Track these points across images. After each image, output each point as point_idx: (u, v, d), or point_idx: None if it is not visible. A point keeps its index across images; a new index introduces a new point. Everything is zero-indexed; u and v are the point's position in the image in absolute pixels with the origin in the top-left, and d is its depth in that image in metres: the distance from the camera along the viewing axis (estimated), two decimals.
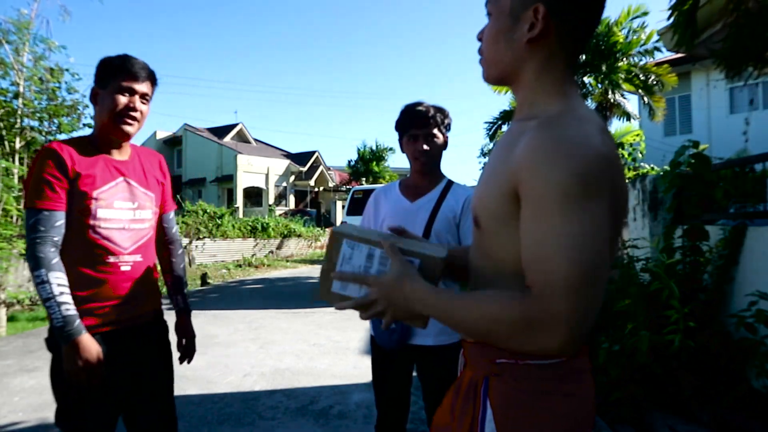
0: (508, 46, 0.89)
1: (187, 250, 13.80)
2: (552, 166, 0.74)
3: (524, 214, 0.78)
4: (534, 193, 0.76)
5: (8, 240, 6.01)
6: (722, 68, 3.78)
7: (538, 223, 0.75)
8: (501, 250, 0.86)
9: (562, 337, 0.73)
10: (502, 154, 0.87)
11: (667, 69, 9.59)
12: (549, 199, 0.74)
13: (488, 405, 0.85)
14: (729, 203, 3.92)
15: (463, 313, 0.83)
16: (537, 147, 0.76)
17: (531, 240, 0.77)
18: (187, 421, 3.13)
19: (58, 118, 7.22)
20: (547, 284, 0.73)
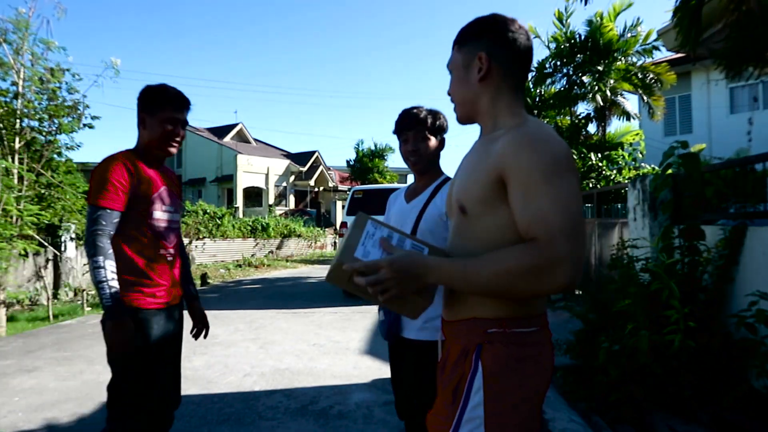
0: (467, 89, 1.16)
1: (187, 250, 13.80)
2: (531, 152, 0.97)
3: (514, 192, 0.98)
4: (521, 174, 0.97)
5: (8, 240, 6.01)
6: (722, 68, 3.78)
7: (529, 193, 0.96)
8: (486, 230, 1.05)
9: (569, 272, 0.91)
10: (478, 157, 1.10)
11: (665, 67, 9.59)
12: (535, 175, 0.95)
13: (479, 365, 1.03)
14: (724, 202, 3.92)
15: (478, 273, 0.97)
16: (515, 141, 0.99)
17: (525, 205, 0.96)
18: (187, 421, 3.13)
19: (58, 118, 7.22)
20: (550, 233, 0.92)
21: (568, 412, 3.15)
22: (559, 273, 0.91)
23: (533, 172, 0.95)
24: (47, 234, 7.91)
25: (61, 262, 8.48)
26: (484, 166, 1.05)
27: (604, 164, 8.91)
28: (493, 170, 1.02)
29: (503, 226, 1.02)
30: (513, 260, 0.94)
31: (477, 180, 1.06)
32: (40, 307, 7.49)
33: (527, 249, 0.94)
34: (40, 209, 6.79)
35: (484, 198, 1.04)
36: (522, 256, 0.93)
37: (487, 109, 1.15)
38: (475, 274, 0.97)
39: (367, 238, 1.09)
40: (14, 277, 7.07)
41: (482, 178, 1.04)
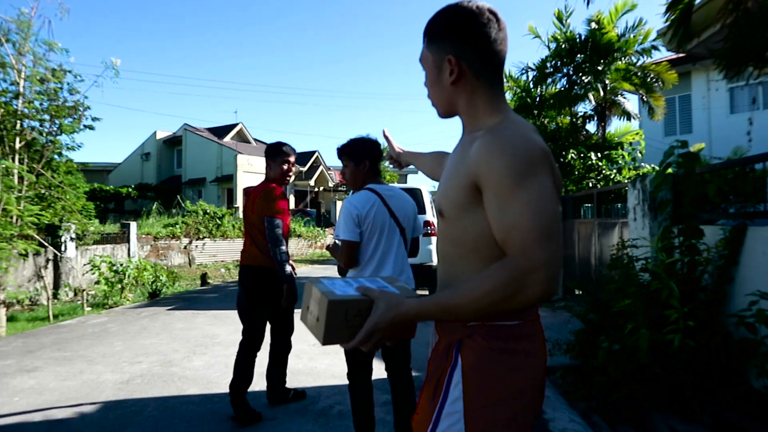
0: (441, 90, 1.13)
1: (187, 250, 13.80)
2: (503, 157, 0.95)
3: (488, 199, 0.97)
4: (493, 180, 0.95)
5: (8, 240, 6.01)
6: (722, 68, 3.78)
7: (502, 201, 0.94)
8: (463, 234, 1.05)
9: (545, 280, 0.90)
10: (458, 158, 1.07)
11: (666, 66, 9.58)
12: (507, 181, 0.94)
13: (459, 359, 1.03)
14: (724, 201, 3.92)
15: (460, 305, 0.96)
16: (488, 147, 0.97)
17: (500, 215, 0.95)
18: (187, 421, 3.13)
19: (59, 119, 7.22)
20: (523, 242, 0.91)
21: (568, 411, 3.15)
22: (536, 282, 0.90)
23: (504, 178, 0.94)
24: (47, 234, 7.91)
25: (61, 262, 8.48)
26: (461, 170, 1.04)
27: (604, 164, 8.90)
28: (465, 178, 1.01)
29: (481, 230, 1.02)
30: (489, 282, 0.92)
31: (454, 185, 1.05)
32: (40, 307, 7.49)
33: (502, 266, 0.93)
34: (41, 209, 6.80)
35: (461, 203, 1.03)
36: (498, 274, 0.92)
37: (464, 109, 1.11)
38: (457, 307, 0.96)
39: (335, 283, 1.12)
40: (14, 277, 7.07)
41: (456, 186, 1.04)
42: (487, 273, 0.94)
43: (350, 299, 1.04)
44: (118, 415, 3.25)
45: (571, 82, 9.61)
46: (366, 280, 1.15)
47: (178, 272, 10.96)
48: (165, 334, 5.70)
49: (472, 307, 0.94)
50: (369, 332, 1.02)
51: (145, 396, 3.62)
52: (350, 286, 1.10)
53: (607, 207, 7.57)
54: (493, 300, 0.92)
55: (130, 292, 8.37)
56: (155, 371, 4.22)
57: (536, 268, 0.89)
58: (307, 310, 1.13)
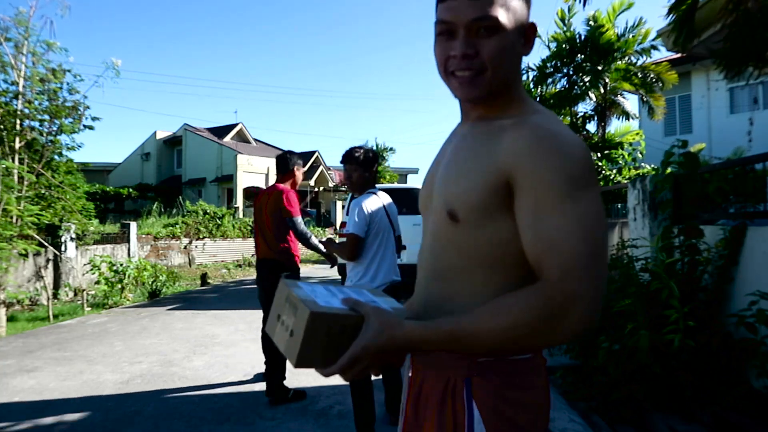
0: (514, 60, 0.89)
1: (187, 250, 13.80)
2: (554, 156, 0.77)
3: (524, 204, 0.79)
4: (537, 182, 0.77)
5: (8, 240, 6.01)
6: (722, 68, 3.78)
7: (544, 210, 0.76)
8: (481, 244, 0.86)
9: (587, 314, 0.74)
10: (475, 149, 0.88)
11: (666, 66, 9.58)
12: (556, 187, 0.76)
13: (474, 406, 0.85)
14: (725, 200, 3.92)
15: (477, 333, 0.78)
16: (534, 140, 0.79)
17: (539, 226, 0.77)
18: (186, 422, 3.13)
19: (59, 118, 7.22)
20: (565, 265, 0.74)
21: (568, 411, 3.15)
22: (576, 315, 0.73)
23: (553, 183, 0.76)
24: (47, 234, 7.91)
25: (61, 262, 8.48)
26: (485, 164, 0.84)
27: (604, 164, 8.90)
28: (498, 172, 0.82)
29: (505, 240, 0.84)
30: (518, 311, 0.75)
31: (475, 182, 0.85)
32: (40, 307, 7.49)
33: (536, 292, 0.75)
34: (41, 209, 6.80)
35: (484, 206, 0.84)
36: (530, 302, 0.75)
37: (509, 90, 0.91)
38: (471, 337, 0.78)
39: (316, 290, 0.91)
40: (14, 277, 7.07)
41: (483, 181, 0.84)
42: (513, 299, 0.76)
43: (336, 313, 0.83)
44: (118, 415, 3.25)
45: (572, 82, 9.61)
46: (351, 290, 0.96)
47: (178, 272, 10.96)
48: (165, 334, 5.70)
49: (492, 339, 0.77)
50: (354, 357, 0.82)
51: (145, 396, 3.62)
52: (334, 296, 0.90)
53: (607, 207, 7.58)
54: (522, 333, 0.75)
55: (130, 292, 8.37)
56: (155, 371, 4.22)
57: (578, 298, 0.73)
58: (278, 320, 0.89)
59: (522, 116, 0.86)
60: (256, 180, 26.74)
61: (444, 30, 0.87)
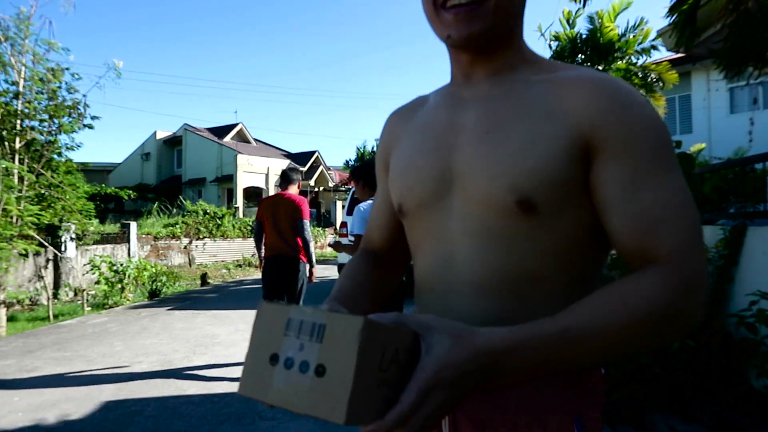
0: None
1: (187, 250, 13.80)
2: (649, 120, 0.61)
3: (617, 176, 0.61)
4: (636, 149, 0.60)
5: (8, 240, 6.01)
6: (722, 68, 3.78)
7: (648, 183, 0.60)
8: (564, 237, 0.65)
9: (702, 303, 0.59)
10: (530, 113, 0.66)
11: (667, 66, 9.58)
12: (657, 155, 0.60)
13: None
14: (724, 200, 3.92)
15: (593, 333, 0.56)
16: (622, 100, 0.62)
17: (644, 202, 0.60)
18: (186, 422, 3.13)
19: (58, 118, 7.22)
20: (684, 248, 0.58)
21: None
22: (696, 306, 0.58)
23: (653, 148, 0.60)
24: (47, 234, 7.91)
25: (61, 262, 8.48)
26: (557, 127, 0.63)
27: None
28: (575, 136, 0.62)
29: (588, 230, 0.65)
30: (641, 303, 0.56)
31: (553, 152, 0.63)
32: (40, 307, 7.49)
33: (655, 279, 0.57)
34: (40, 209, 6.80)
35: (567, 184, 0.63)
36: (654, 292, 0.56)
37: (516, 35, 0.72)
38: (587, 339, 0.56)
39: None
40: (14, 277, 7.07)
41: (562, 149, 0.62)
42: (626, 289, 0.58)
43: (388, 325, 0.53)
44: (118, 415, 3.25)
45: None
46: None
47: (178, 272, 10.96)
48: (165, 334, 5.70)
49: (611, 341, 0.56)
50: (425, 390, 0.52)
51: (145, 396, 3.62)
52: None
53: None
54: (644, 330, 0.56)
55: (130, 292, 8.37)
56: (155, 371, 4.22)
57: (699, 284, 0.58)
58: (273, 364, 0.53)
59: (563, 71, 0.68)
60: (256, 180, 26.75)
61: None
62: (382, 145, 0.89)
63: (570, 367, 0.58)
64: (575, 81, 0.65)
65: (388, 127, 0.87)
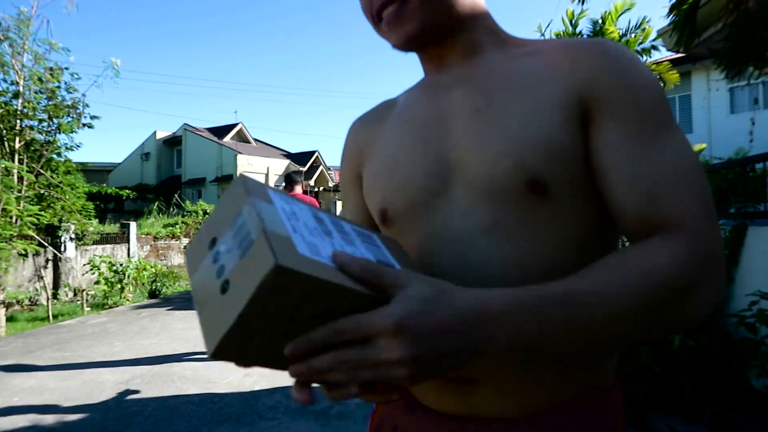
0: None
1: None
2: (647, 75, 0.56)
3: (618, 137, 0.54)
4: (637, 107, 0.54)
5: (8, 240, 6.01)
6: (722, 68, 3.78)
7: (653, 144, 0.53)
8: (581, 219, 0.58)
9: (722, 276, 0.52)
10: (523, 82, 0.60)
11: (667, 66, 9.59)
12: (660, 114, 0.55)
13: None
14: (723, 201, 3.92)
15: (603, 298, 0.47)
16: (618, 57, 0.57)
17: (651, 164, 0.53)
18: (186, 422, 3.13)
19: (57, 118, 7.23)
20: (696, 214, 0.51)
21: None
22: (716, 280, 0.51)
23: (656, 107, 0.55)
24: (47, 234, 7.91)
25: (60, 263, 8.48)
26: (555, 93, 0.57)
27: None
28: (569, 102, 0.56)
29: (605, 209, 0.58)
30: (659, 271, 0.48)
31: (551, 123, 0.56)
32: (40, 308, 7.49)
33: (671, 245, 0.50)
34: (40, 209, 6.80)
35: (575, 157, 0.56)
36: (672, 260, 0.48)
37: (474, 16, 0.66)
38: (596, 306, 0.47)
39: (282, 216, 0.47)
40: (14, 277, 7.07)
41: (559, 117, 0.56)
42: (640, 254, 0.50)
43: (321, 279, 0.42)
44: (118, 415, 3.25)
45: None
46: (354, 230, 0.55)
47: (178, 272, 10.96)
48: (165, 334, 5.70)
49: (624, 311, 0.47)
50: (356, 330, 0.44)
51: (145, 396, 3.62)
52: (325, 237, 0.49)
53: None
54: (662, 302, 0.48)
55: (129, 292, 8.37)
56: (155, 371, 4.22)
57: (717, 255, 0.51)
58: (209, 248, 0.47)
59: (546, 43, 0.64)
60: (255, 180, 26.74)
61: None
62: (348, 157, 0.78)
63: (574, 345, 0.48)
64: (563, 46, 0.61)
65: (354, 135, 0.78)
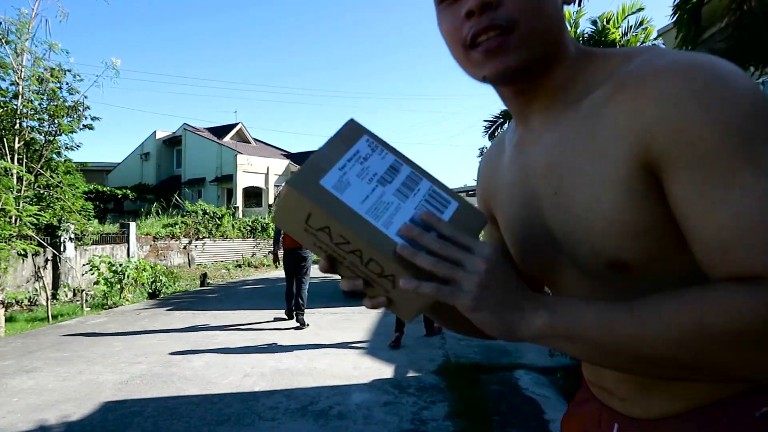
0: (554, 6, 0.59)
1: (187, 250, 13.79)
2: (721, 106, 0.48)
3: (688, 187, 0.50)
4: (704, 149, 0.48)
5: (7, 240, 6.00)
6: None
7: (727, 188, 0.48)
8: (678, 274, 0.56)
9: None
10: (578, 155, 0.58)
11: None
12: (734, 148, 0.48)
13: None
14: None
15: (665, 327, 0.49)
16: (681, 91, 0.50)
17: (721, 216, 0.48)
18: (186, 421, 3.12)
19: (58, 118, 7.22)
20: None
21: None
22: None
23: (725, 147, 0.48)
24: (46, 234, 7.90)
25: (60, 263, 8.46)
26: (607, 168, 0.55)
27: None
28: (636, 164, 0.53)
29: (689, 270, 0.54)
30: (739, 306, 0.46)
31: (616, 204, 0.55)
32: (39, 308, 7.47)
33: (748, 289, 0.47)
34: (39, 209, 6.79)
35: (651, 226, 0.54)
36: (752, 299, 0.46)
37: (561, 45, 0.61)
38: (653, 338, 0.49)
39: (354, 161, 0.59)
40: (13, 277, 7.07)
41: (623, 194, 0.54)
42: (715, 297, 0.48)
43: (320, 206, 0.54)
44: (118, 416, 3.24)
45: None
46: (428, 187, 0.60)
47: (177, 272, 10.95)
48: (165, 334, 5.69)
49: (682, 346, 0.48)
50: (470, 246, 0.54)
51: (144, 396, 3.61)
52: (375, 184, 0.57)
53: None
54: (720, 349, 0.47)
55: (129, 292, 8.36)
56: (155, 371, 4.21)
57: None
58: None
59: (625, 64, 0.57)
60: (255, 180, 26.77)
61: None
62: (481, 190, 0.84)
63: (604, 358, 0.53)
64: (628, 87, 0.54)
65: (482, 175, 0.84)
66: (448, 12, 0.61)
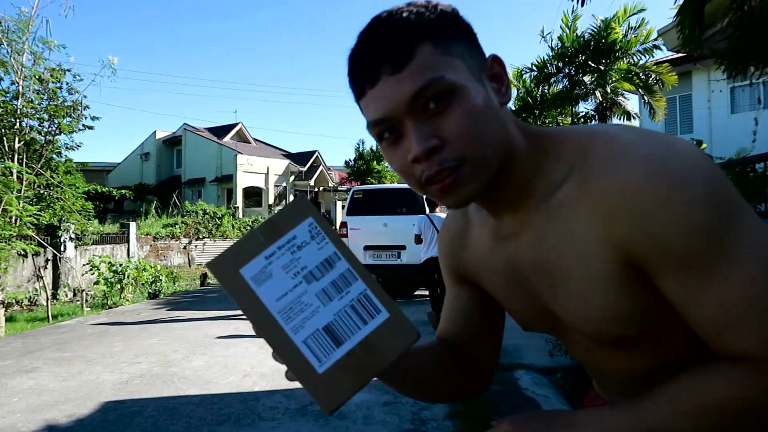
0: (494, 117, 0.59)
1: (187, 250, 13.79)
2: (687, 208, 0.51)
3: (674, 288, 0.54)
4: (674, 253, 0.52)
5: (7, 240, 6.00)
6: (724, 68, 3.77)
7: (710, 281, 0.52)
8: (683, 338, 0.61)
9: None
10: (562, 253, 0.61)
11: (666, 68, 9.59)
12: (711, 244, 0.51)
13: None
14: None
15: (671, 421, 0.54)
16: (645, 200, 0.52)
17: (710, 307, 0.53)
18: (186, 422, 3.12)
19: (58, 118, 7.22)
20: (764, 345, 0.51)
21: None
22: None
23: (701, 244, 0.52)
24: (46, 234, 7.90)
25: (60, 263, 8.47)
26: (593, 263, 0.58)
27: None
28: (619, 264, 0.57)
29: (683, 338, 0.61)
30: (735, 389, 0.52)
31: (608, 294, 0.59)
32: (39, 308, 7.47)
33: (740, 371, 0.52)
34: (39, 209, 6.80)
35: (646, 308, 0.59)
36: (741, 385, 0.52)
37: (514, 148, 0.62)
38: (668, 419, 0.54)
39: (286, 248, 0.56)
40: (13, 277, 7.07)
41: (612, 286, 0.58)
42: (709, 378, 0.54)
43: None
44: (118, 416, 3.24)
45: (573, 82, 9.64)
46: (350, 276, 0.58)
47: (177, 272, 10.95)
48: (165, 334, 5.69)
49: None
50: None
51: (144, 396, 3.61)
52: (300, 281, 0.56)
53: None
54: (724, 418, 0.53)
55: (129, 292, 8.36)
56: (155, 371, 4.21)
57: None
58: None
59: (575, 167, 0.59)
60: (255, 180, 26.76)
61: (382, 130, 0.60)
62: (450, 259, 0.83)
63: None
64: (599, 184, 0.56)
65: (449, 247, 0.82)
66: (393, 152, 0.60)
